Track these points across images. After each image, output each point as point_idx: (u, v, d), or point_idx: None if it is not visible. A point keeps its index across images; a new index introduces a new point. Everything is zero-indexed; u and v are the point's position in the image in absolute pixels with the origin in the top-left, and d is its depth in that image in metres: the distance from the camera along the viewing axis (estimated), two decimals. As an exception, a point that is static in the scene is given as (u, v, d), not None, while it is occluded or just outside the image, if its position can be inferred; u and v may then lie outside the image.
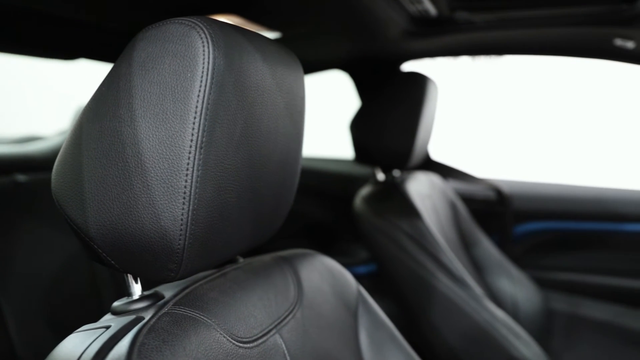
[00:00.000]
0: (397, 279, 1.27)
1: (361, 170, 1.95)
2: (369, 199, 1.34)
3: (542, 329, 1.57)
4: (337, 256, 1.22)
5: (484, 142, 3.88)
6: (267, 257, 0.73)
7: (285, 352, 0.61)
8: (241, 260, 0.71)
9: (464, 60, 1.79)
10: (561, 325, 1.80)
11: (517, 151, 3.79)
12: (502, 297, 1.52)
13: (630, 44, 1.34)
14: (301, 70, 0.67)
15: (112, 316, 0.54)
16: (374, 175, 1.48)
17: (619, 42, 1.34)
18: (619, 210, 1.73)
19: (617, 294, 1.79)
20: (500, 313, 1.22)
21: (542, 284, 1.69)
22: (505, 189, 1.77)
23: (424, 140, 1.43)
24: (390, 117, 1.34)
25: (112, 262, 0.52)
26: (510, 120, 3.95)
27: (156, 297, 0.56)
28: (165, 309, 0.52)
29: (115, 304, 0.55)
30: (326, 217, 2.09)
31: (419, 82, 1.38)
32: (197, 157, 0.48)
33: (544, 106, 3.89)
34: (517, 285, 1.58)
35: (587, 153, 3.64)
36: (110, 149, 0.49)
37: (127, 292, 0.56)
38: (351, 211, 1.45)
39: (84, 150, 0.50)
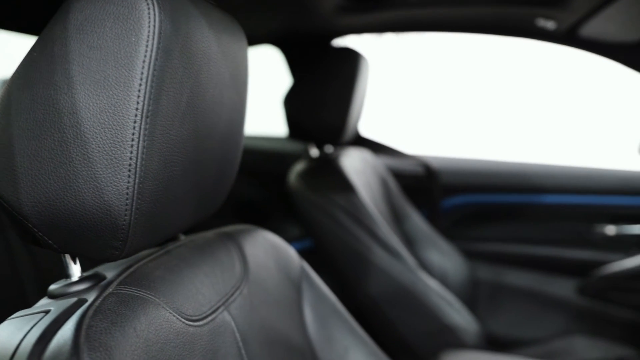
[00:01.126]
0: (334, 254, 1.28)
1: (292, 147, 1.94)
2: (304, 175, 1.33)
3: (469, 297, 1.64)
4: (270, 234, 1.22)
5: (411, 119, 3.98)
6: (209, 234, 0.71)
7: (235, 328, 0.60)
8: (182, 237, 0.69)
9: (388, 37, 1.82)
10: (486, 293, 1.89)
11: (443, 127, 3.91)
12: (431, 268, 1.57)
13: (551, 24, 1.40)
14: (245, 39, 0.65)
15: (50, 300, 0.50)
16: (307, 152, 1.48)
17: (541, 22, 1.40)
18: (538, 183, 1.82)
19: (536, 262, 1.89)
20: (433, 283, 1.26)
21: (468, 254, 1.76)
22: (433, 164, 1.81)
23: (356, 116, 1.44)
24: (324, 93, 1.34)
25: (50, 242, 0.48)
26: (436, 98, 4.06)
27: (97, 278, 0.52)
28: (109, 290, 0.49)
29: (53, 286, 0.52)
30: (257, 195, 2.07)
31: (352, 58, 1.39)
32: (142, 127, 0.45)
33: (468, 84, 4.02)
34: (445, 256, 1.64)
35: (509, 129, 3.81)
36: (45, 118, 0.45)
37: (64, 274, 0.52)
38: (283, 188, 1.45)
39: (14, 121, 0.46)
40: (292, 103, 1.37)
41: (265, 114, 2.08)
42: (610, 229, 1.84)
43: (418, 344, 1.21)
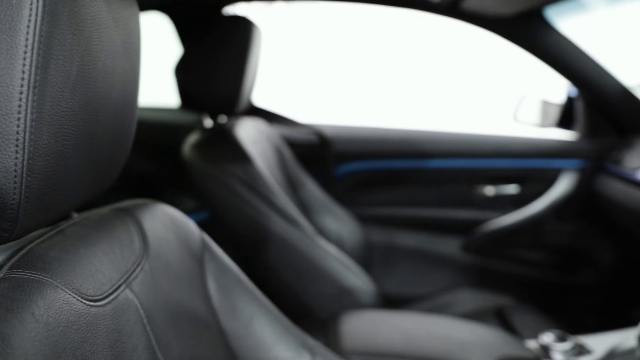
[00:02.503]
0: (233, 225, 1.28)
1: (185, 117, 1.89)
2: (198, 147, 1.31)
3: (364, 259, 1.71)
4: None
5: (303, 88, 4.00)
6: (105, 210, 0.68)
7: (138, 305, 0.59)
8: (75, 215, 0.66)
9: (278, 5, 1.81)
10: (379, 254, 1.98)
11: (334, 95, 3.97)
12: (328, 233, 1.62)
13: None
14: (136, 5, 0.62)
15: None
16: (200, 123, 1.45)
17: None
18: (425, 149, 1.92)
19: (425, 223, 2.01)
20: (331, 248, 1.30)
21: (362, 219, 1.82)
22: (326, 133, 1.85)
23: (249, 86, 1.43)
24: (216, 62, 1.31)
25: None
26: (326, 66, 4.10)
27: None
28: (0, 275, 0.46)
29: None
30: (150, 168, 2.00)
31: (243, 26, 1.36)
32: (30, 98, 0.42)
33: (356, 52, 4.10)
34: (340, 222, 1.69)
35: (397, 96, 3.95)
36: None
37: None
38: (177, 160, 1.41)
39: None
40: (183, 73, 1.33)
41: (157, 84, 2.01)
42: (490, 190, 1.99)
43: (319, 307, 1.26)
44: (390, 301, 1.53)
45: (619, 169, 1.76)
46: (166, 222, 0.73)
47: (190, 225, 0.78)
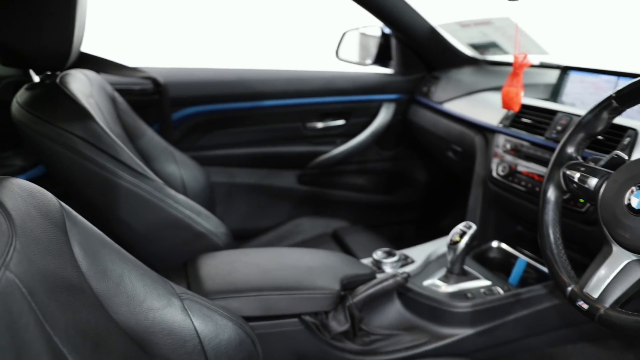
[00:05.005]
0: (79, 184, 1.25)
1: (9, 72, 1.72)
2: (29, 105, 1.23)
3: (208, 201, 1.77)
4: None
5: (132, 32, 3.77)
6: None
7: (20, 285, 0.61)
8: None
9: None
10: (222, 194, 2.05)
11: (165, 38, 3.81)
12: (172, 181, 1.63)
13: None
14: None
15: None
16: (27, 77, 1.35)
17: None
18: (258, 90, 1.98)
19: (263, 160, 2.12)
20: (181, 197, 1.34)
21: (203, 162, 1.86)
22: (160, 77, 1.82)
23: (78, 36, 1.36)
24: (42, 14, 1.22)
25: None
26: (154, 9, 3.89)
27: None
28: None
29: None
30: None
31: None
32: None
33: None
34: (182, 167, 1.70)
35: (229, 37, 3.91)
36: None
37: None
38: (3, 119, 1.32)
39: None
40: (3, 26, 1.21)
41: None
42: (319, 125, 2.14)
43: (176, 254, 1.30)
44: (236, 237, 1.62)
45: (428, 101, 2.01)
46: (26, 197, 0.73)
47: (48, 196, 0.78)
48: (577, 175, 0.93)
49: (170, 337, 0.84)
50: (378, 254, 1.44)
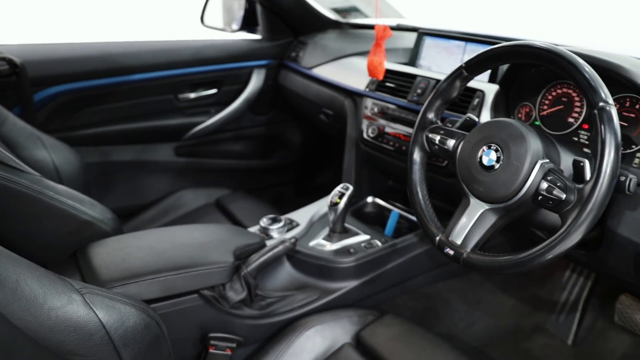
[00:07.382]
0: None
1: None
2: None
3: (83, 183, 1.70)
4: None
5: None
6: None
7: None
8: None
9: None
10: (97, 175, 1.99)
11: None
12: (43, 167, 1.55)
13: None
14: None
15: None
16: None
17: None
18: (124, 63, 1.92)
19: (137, 135, 2.07)
20: (61, 187, 1.29)
21: (73, 143, 1.77)
22: (16, 57, 1.69)
23: None
24: None
25: None
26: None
27: None
28: None
29: None
30: None
31: None
32: None
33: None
34: (53, 151, 1.62)
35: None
36: None
37: None
38: None
39: None
40: None
41: None
42: (192, 96, 2.13)
43: (63, 246, 1.26)
44: (120, 215, 1.58)
45: (298, 66, 2.08)
46: None
47: None
48: (437, 137, 1.06)
49: (76, 332, 0.85)
50: (264, 221, 1.51)
